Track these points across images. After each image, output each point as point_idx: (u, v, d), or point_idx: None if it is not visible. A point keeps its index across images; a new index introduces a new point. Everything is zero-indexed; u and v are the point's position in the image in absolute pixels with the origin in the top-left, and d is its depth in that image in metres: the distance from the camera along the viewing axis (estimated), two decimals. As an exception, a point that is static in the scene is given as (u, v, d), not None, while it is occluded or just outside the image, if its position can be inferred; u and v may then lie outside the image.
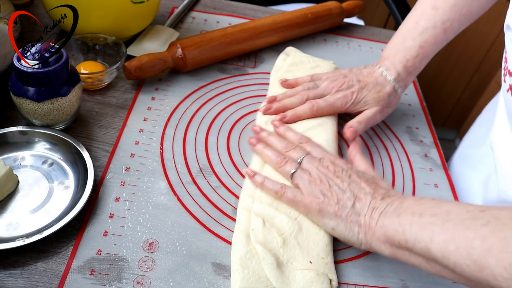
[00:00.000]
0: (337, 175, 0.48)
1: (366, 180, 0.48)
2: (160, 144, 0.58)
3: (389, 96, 0.61)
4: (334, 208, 0.46)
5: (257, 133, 0.57)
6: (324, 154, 0.52)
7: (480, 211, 0.37)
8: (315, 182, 0.48)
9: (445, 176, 0.61)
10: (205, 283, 0.45)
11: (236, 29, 0.71)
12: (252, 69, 0.73)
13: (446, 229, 0.38)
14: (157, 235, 0.48)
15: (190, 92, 0.66)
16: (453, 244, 0.36)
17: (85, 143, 0.56)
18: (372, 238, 0.44)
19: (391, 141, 0.65)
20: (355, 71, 0.63)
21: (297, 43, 0.80)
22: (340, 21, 0.85)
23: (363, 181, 0.47)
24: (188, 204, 0.51)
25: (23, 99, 0.52)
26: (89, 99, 0.62)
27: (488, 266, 0.34)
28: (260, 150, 0.54)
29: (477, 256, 0.35)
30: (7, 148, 0.53)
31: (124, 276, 0.44)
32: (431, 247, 0.38)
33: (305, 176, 0.49)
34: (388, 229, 0.42)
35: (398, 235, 0.41)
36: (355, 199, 0.46)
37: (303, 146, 0.53)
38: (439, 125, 1.80)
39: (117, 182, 0.52)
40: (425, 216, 0.40)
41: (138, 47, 0.71)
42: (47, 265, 0.44)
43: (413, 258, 0.41)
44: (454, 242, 0.36)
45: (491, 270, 0.34)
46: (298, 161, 0.51)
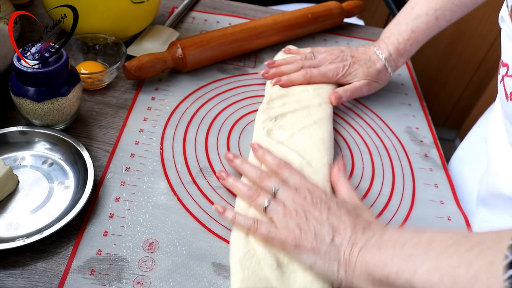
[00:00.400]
0: (315, 206, 0.45)
1: (347, 212, 0.45)
2: (160, 144, 0.58)
3: (378, 73, 0.67)
4: (312, 243, 0.43)
5: (231, 161, 0.54)
6: (302, 182, 0.48)
7: (463, 237, 0.35)
8: (291, 215, 0.44)
9: (445, 176, 0.61)
10: (205, 283, 0.45)
11: (236, 29, 0.71)
12: (252, 69, 0.73)
13: (428, 258, 0.35)
14: (157, 235, 0.48)
15: (190, 92, 0.66)
16: (437, 274, 0.34)
17: (85, 143, 0.56)
18: (352, 276, 0.41)
19: (391, 141, 0.65)
20: (353, 48, 0.69)
21: (297, 43, 0.80)
22: (340, 21, 0.85)
23: (344, 213, 0.44)
24: (188, 204, 0.51)
25: (23, 99, 0.52)
26: (89, 99, 0.62)
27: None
28: (230, 184, 0.51)
29: (464, 284, 0.32)
30: (7, 148, 0.53)
31: (124, 276, 0.44)
32: (414, 280, 0.35)
33: (279, 208, 0.45)
34: (369, 264, 0.40)
35: (379, 270, 0.39)
36: (334, 233, 0.43)
37: (280, 173, 0.50)
38: (439, 125, 1.79)
39: (117, 182, 0.52)
40: (406, 247, 0.38)
41: (138, 47, 0.71)
42: (47, 265, 0.44)
43: None
44: (438, 272, 0.34)
45: None
46: (273, 191, 0.47)
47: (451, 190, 0.59)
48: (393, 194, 0.58)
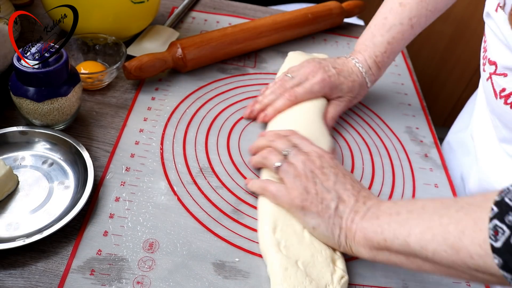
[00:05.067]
0: (324, 172, 0.48)
1: (352, 181, 0.48)
2: (160, 144, 0.58)
3: (360, 87, 0.64)
4: (317, 208, 0.46)
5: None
6: (312, 147, 0.51)
7: (454, 201, 0.38)
8: (300, 178, 0.47)
9: (445, 176, 0.61)
10: (205, 283, 0.45)
11: (236, 29, 0.71)
12: (252, 69, 0.73)
13: (422, 220, 0.38)
14: (157, 235, 0.48)
15: (190, 92, 0.66)
16: (429, 233, 0.37)
17: (85, 143, 0.55)
18: (352, 242, 0.44)
19: (391, 141, 0.65)
20: (330, 60, 0.65)
21: (297, 43, 0.80)
22: (340, 21, 0.85)
23: (348, 182, 0.47)
24: (188, 204, 0.51)
25: (23, 99, 0.52)
26: (89, 99, 0.62)
27: (463, 246, 0.34)
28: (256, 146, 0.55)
29: (453, 239, 0.35)
30: (7, 148, 0.53)
31: (124, 276, 0.44)
32: (409, 240, 0.38)
33: (290, 170, 0.48)
34: (367, 231, 0.43)
35: (377, 235, 0.41)
36: (339, 200, 0.46)
37: (291, 138, 0.53)
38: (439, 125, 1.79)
39: (117, 182, 0.52)
40: (402, 214, 0.41)
41: (138, 47, 0.71)
42: (47, 265, 0.44)
43: (393, 257, 0.41)
44: (430, 231, 0.37)
45: (467, 250, 0.34)
46: (284, 153, 0.50)
47: (451, 190, 0.59)
48: (393, 194, 0.58)
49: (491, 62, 0.53)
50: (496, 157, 0.57)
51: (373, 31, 0.64)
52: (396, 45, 0.64)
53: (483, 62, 0.56)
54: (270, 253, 0.46)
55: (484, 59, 0.56)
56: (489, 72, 0.54)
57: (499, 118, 0.55)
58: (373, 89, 0.73)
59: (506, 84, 0.51)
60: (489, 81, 0.54)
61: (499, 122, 0.55)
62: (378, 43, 0.63)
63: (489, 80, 0.54)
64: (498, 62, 0.52)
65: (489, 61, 0.54)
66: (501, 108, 0.52)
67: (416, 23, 0.63)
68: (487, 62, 0.54)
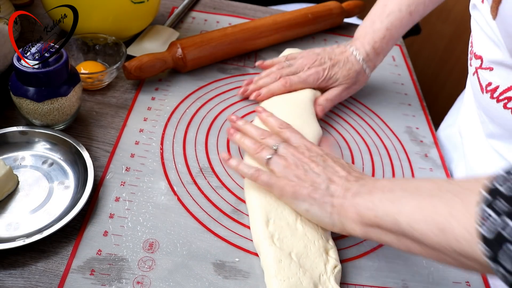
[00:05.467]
0: (312, 160, 0.49)
1: (341, 165, 0.49)
2: (160, 144, 0.58)
3: (357, 75, 0.65)
4: (308, 190, 0.46)
5: (234, 122, 0.57)
6: (302, 141, 0.52)
7: (446, 182, 0.38)
8: (290, 167, 0.48)
9: (445, 176, 0.61)
10: (205, 283, 0.45)
11: (236, 29, 0.71)
12: (252, 69, 0.73)
13: (413, 199, 0.38)
14: (157, 235, 0.48)
15: (190, 92, 0.66)
16: (419, 213, 0.37)
17: (85, 143, 0.56)
18: (345, 218, 0.44)
19: (391, 141, 0.65)
20: (328, 50, 0.67)
21: (297, 43, 0.80)
22: (340, 21, 0.85)
23: (338, 165, 0.48)
24: (188, 204, 0.51)
25: (23, 99, 0.52)
26: (89, 99, 0.62)
27: (451, 229, 0.34)
28: (237, 139, 0.54)
29: (442, 220, 0.35)
30: (7, 148, 0.53)
31: (124, 276, 0.44)
32: (399, 218, 0.38)
33: (280, 161, 0.49)
34: (360, 207, 0.43)
35: (369, 211, 0.42)
36: (329, 181, 0.46)
37: (281, 133, 0.54)
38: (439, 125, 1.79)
39: (117, 182, 0.52)
40: (395, 191, 0.41)
41: (138, 47, 0.71)
42: (47, 265, 0.44)
43: (384, 235, 0.41)
44: (420, 211, 0.37)
45: (454, 234, 0.33)
46: (274, 147, 0.51)
47: (451, 190, 0.59)
48: (393, 194, 0.58)
49: (477, 56, 0.53)
50: (483, 153, 0.57)
51: (372, 18, 0.66)
52: (394, 31, 0.65)
53: (470, 56, 0.56)
54: (264, 246, 0.46)
55: (470, 53, 0.56)
56: (475, 67, 0.54)
57: (485, 113, 0.55)
58: (373, 89, 0.73)
59: (491, 78, 0.51)
60: (475, 76, 0.54)
61: (486, 117, 0.55)
62: (376, 29, 0.65)
63: (475, 74, 0.54)
64: (483, 56, 0.52)
65: (475, 56, 0.54)
66: (487, 102, 0.52)
67: (415, 10, 0.64)
68: (473, 57, 0.55)
